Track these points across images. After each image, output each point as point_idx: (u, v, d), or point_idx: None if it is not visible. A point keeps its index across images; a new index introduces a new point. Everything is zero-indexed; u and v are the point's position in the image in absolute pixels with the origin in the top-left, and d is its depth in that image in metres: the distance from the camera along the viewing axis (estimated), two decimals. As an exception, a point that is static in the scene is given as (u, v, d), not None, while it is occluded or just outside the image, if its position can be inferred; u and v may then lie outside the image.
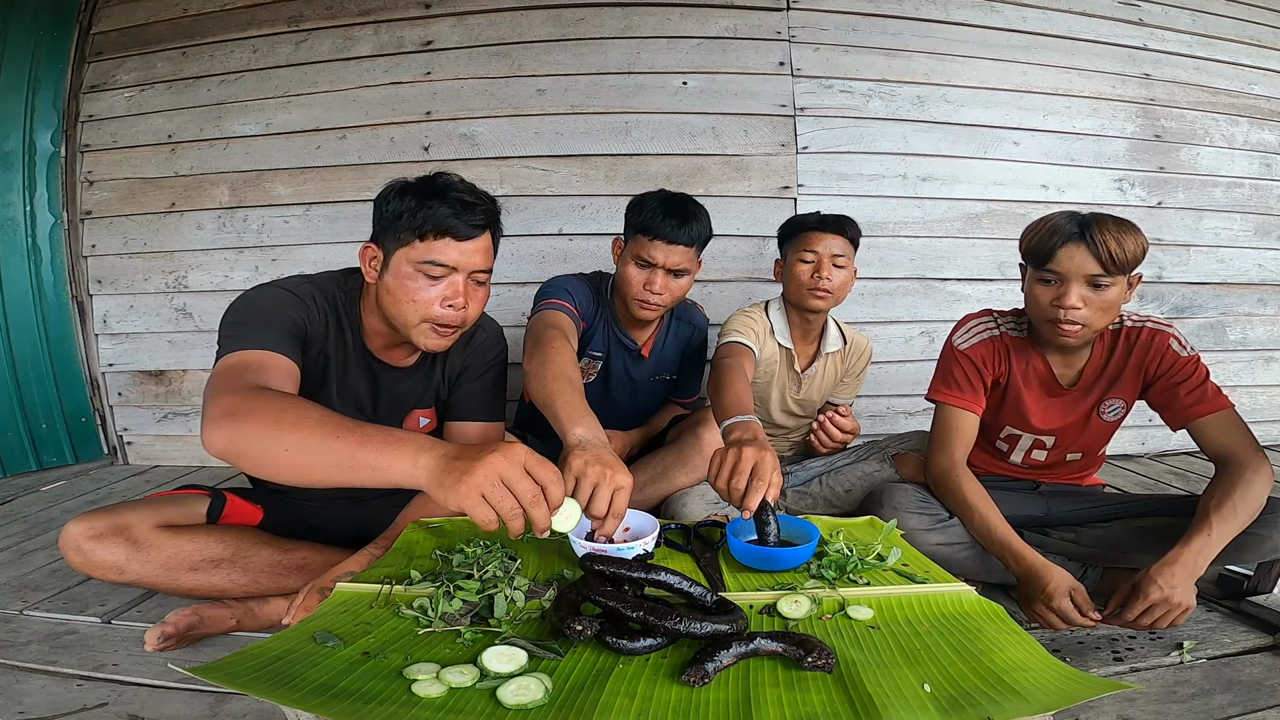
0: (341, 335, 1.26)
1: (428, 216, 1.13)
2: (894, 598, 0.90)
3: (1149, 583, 1.09)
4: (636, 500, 1.63)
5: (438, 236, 1.13)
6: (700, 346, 1.87)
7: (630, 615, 0.75)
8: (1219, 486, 1.19)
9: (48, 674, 1.13)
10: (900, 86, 2.48)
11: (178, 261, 2.52)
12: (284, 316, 1.14)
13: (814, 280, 1.66)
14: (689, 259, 1.60)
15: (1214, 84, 2.68)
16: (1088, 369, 1.40)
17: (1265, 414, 2.75)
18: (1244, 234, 2.69)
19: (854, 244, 1.72)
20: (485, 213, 1.17)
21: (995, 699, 0.65)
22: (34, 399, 2.48)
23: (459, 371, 1.38)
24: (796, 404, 1.88)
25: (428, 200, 1.13)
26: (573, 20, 2.42)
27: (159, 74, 2.52)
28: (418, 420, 1.38)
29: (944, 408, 1.43)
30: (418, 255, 1.14)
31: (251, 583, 1.27)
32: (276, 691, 0.63)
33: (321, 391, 1.26)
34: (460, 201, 1.14)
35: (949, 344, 1.48)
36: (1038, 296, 1.30)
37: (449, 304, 1.16)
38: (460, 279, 1.17)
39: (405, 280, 1.15)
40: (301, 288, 1.21)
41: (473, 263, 1.17)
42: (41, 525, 1.90)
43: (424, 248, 1.14)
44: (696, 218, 1.59)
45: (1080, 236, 1.23)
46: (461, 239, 1.15)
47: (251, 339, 1.07)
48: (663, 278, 1.58)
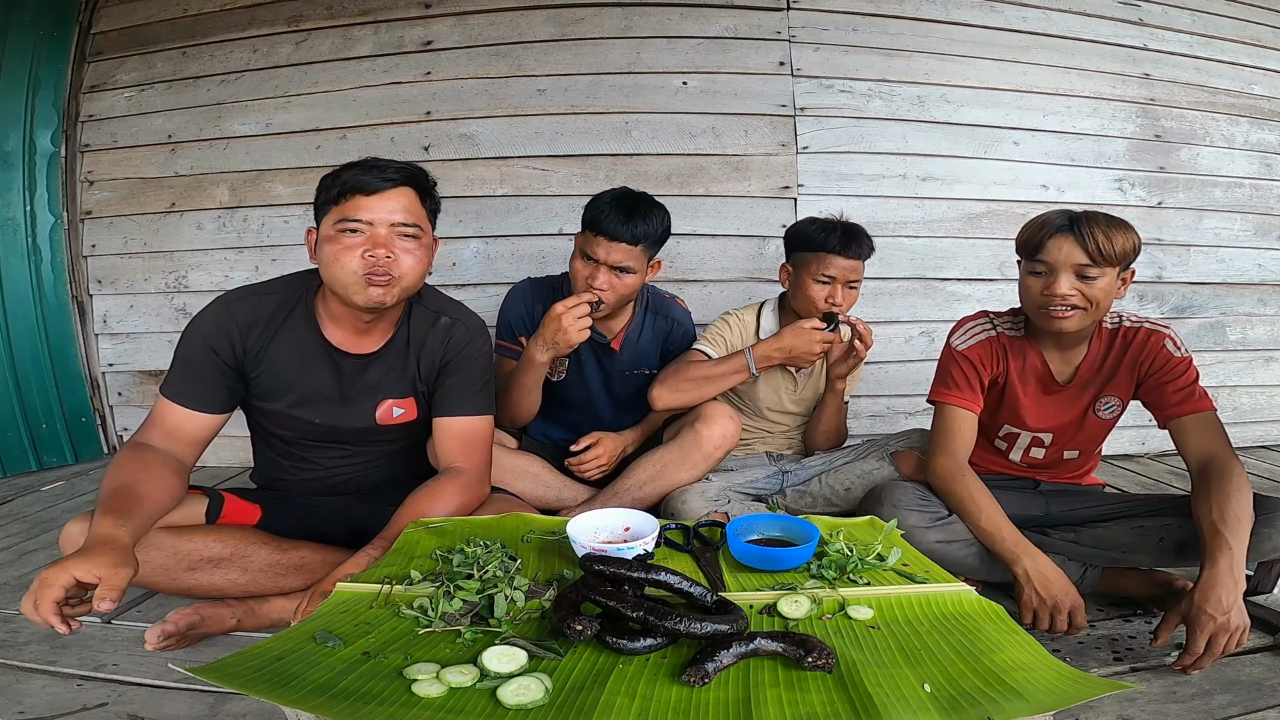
0: (294, 332, 1.30)
1: (339, 181, 1.21)
2: (894, 598, 0.90)
3: (1199, 614, 1.06)
4: (636, 498, 1.64)
5: (349, 197, 1.20)
6: (682, 339, 1.86)
7: (630, 615, 0.75)
8: (1215, 496, 1.17)
9: (48, 674, 1.13)
10: (900, 86, 2.48)
11: (178, 261, 2.52)
12: (202, 358, 1.25)
13: (828, 305, 1.68)
14: (632, 257, 1.59)
15: (1214, 84, 2.68)
16: (1084, 365, 1.41)
17: (1265, 414, 2.75)
18: (1244, 234, 2.69)
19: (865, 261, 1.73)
20: (397, 169, 1.24)
21: (995, 699, 0.65)
22: (34, 399, 2.48)
23: (440, 366, 1.38)
24: (793, 402, 1.89)
25: (343, 170, 1.23)
26: (573, 20, 2.42)
27: (159, 74, 2.52)
28: (391, 410, 1.37)
29: (944, 408, 1.44)
30: (335, 218, 1.22)
31: (250, 582, 1.27)
32: (276, 691, 0.63)
33: (283, 392, 1.31)
34: (368, 164, 1.23)
35: (947, 345, 1.49)
36: (1030, 287, 1.34)
37: (369, 254, 1.20)
38: (381, 232, 1.21)
39: (328, 245, 1.22)
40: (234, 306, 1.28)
41: (388, 215, 1.22)
42: (41, 525, 1.90)
43: (338, 210, 1.21)
44: (644, 217, 1.59)
45: (1069, 229, 1.28)
46: (371, 193, 1.20)
47: (172, 386, 1.25)
48: (605, 273, 1.59)
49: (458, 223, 2.41)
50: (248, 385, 1.31)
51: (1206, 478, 1.22)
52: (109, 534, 0.96)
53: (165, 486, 1.14)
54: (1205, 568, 1.10)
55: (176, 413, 1.24)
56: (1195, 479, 1.25)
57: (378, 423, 1.37)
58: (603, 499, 1.66)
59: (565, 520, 1.05)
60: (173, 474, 1.18)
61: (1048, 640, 1.25)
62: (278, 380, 1.30)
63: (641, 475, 1.65)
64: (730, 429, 1.67)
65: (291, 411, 1.33)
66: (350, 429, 1.37)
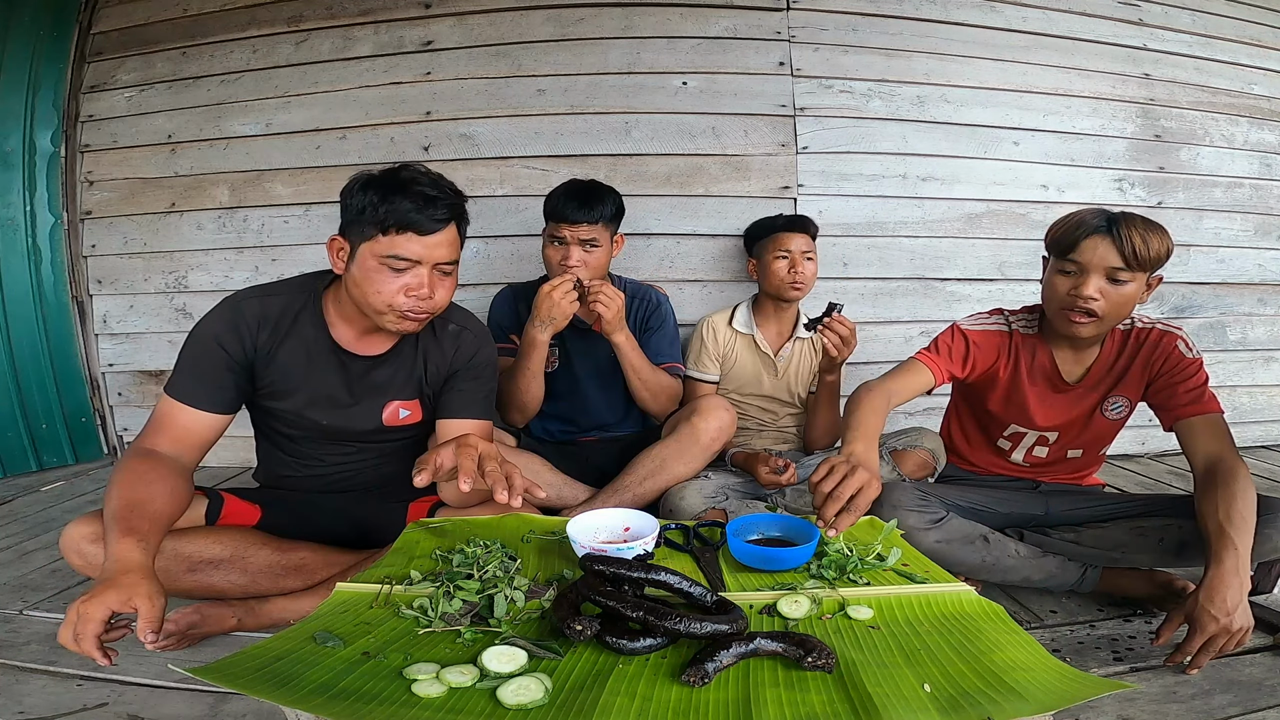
0: (302, 335, 1.29)
1: (390, 211, 1.15)
2: (894, 598, 0.90)
3: (1203, 614, 1.06)
4: (636, 495, 1.65)
5: (400, 231, 1.16)
6: (662, 321, 1.91)
7: (630, 615, 0.75)
8: (1222, 495, 1.16)
9: (48, 674, 1.13)
10: (900, 86, 2.48)
11: (178, 261, 2.52)
12: (212, 356, 1.23)
13: (791, 275, 1.87)
14: (596, 231, 1.73)
15: (1214, 84, 2.67)
16: (1095, 366, 1.41)
17: (1265, 414, 2.74)
18: (1244, 234, 2.69)
19: (814, 239, 1.95)
20: (449, 206, 1.20)
21: (995, 699, 0.65)
22: (34, 399, 2.48)
23: (447, 372, 1.39)
24: (774, 387, 1.96)
25: (390, 195, 1.15)
26: (573, 20, 2.42)
27: (159, 74, 2.51)
28: (397, 411, 1.38)
29: (912, 359, 1.44)
30: (381, 250, 1.17)
31: (250, 583, 1.27)
32: (276, 691, 0.63)
33: (291, 392, 1.31)
34: (423, 196, 1.16)
35: (953, 323, 1.48)
36: (1056, 285, 1.32)
37: (413, 294, 1.19)
38: (425, 271, 1.20)
39: (370, 273, 1.19)
40: (244, 305, 1.26)
41: (436, 255, 1.20)
42: (41, 525, 1.90)
43: (387, 242, 1.17)
44: (599, 197, 1.73)
45: (1107, 230, 1.24)
46: (424, 234, 1.17)
47: (178, 386, 1.22)
48: (576, 251, 1.72)
49: (458, 223, 2.41)
50: (255, 385, 1.31)
51: (1212, 478, 1.20)
52: (135, 560, 0.94)
53: (176, 497, 1.12)
54: (1210, 567, 1.09)
55: (184, 413, 1.21)
56: (1200, 479, 1.24)
57: (384, 424, 1.37)
58: (602, 497, 1.67)
59: (565, 520, 1.06)
60: (181, 480, 1.16)
61: (1048, 640, 1.25)
62: (287, 380, 1.30)
63: (641, 471, 1.67)
64: (726, 420, 1.71)
65: (300, 411, 1.33)
66: (357, 430, 1.37)
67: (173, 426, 1.20)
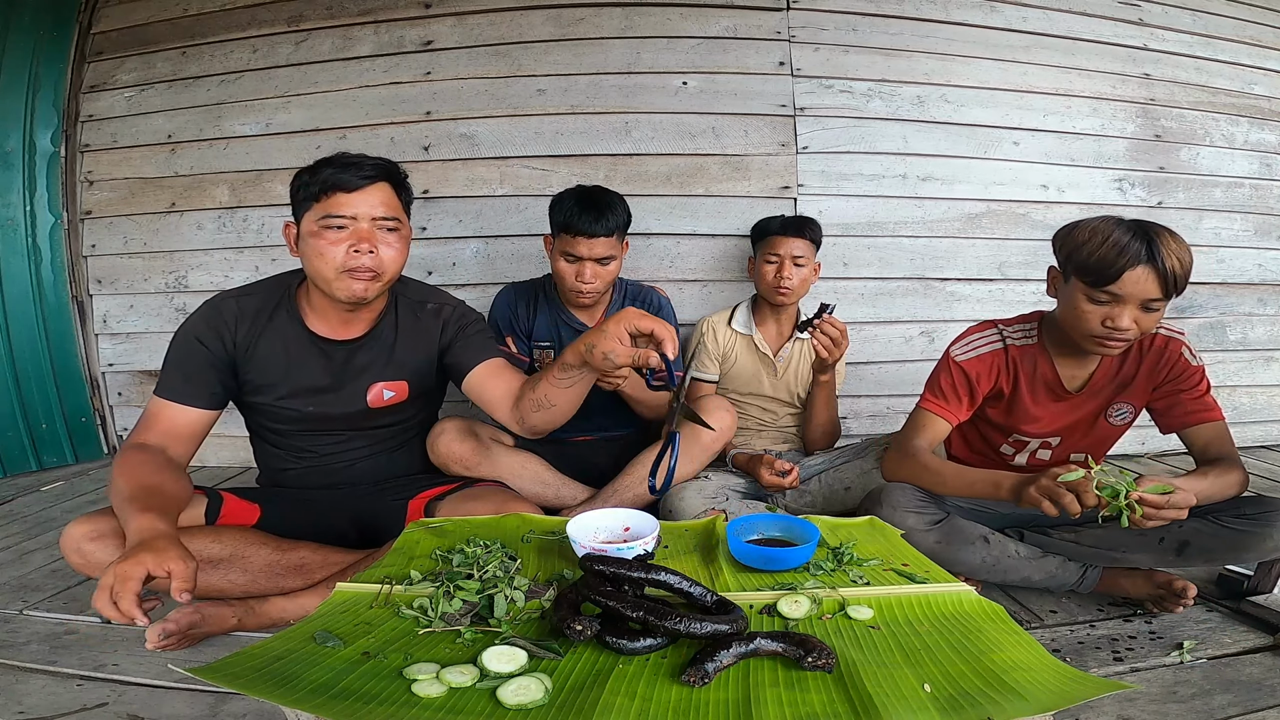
0: (279, 328, 1.36)
1: (317, 179, 1.26)
2: (894, 598, 0.90)
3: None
4: (636, 494, 1.65)
5: (329, 194, 1.25)
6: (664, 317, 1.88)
7: (630, 615, 0.75)
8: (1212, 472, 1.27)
9: (48, 674, 1.13)
10: (900, 86, 2.48)
11: (178, 261, 2.52)
12: (194, 355, 1.31)
13: (776, 280, 1.85)
14: (611, 247, 1.72)
15: (1214, 84, 2.67)
16: (1098, 374, 1.40)
17: (1265, 414, 2.74)
18: (1244, 234, 2.69)
19: (815, 244, 1.91)
20: (374, 165, 1.29)
21: (995, 699, 0.65)
22: (34, 399, 2.48)
23: (442, 345, 1.46)
24: (774, 388, 1.96)
25: (319, 168, 1.27)
26: (573, 20, 2.42)
27: (159, 74, 2.52)
28: (381, 393, 1.42)
29: (921, 410, 1.46)
30: (316, 215, 1.25)
31: (250, 583, 1.28)
32: (276, 691, 0.63)
33: (273, 385, 1.37)
34: (346, 160, 1.27)
35: (946, 353, 1.48)
36: (1086, 315, 1.24)
37: (354, 249, 1.25)
38: (363, 227, 1.26)
39: (312, 240, 1.26)
40: (221, 305, 1.35)
41: (369, 210, 1.26)
42: (41, 525, 1.90)
43: (320, 207, 1.25)
44: (612, 209, 1.71)
45: (1150, 260, 1.17)
46: (351, 189, 1.25)
47: (165, 385, 1.30)
48: (591, 267, 1.72)
49: (458, 223, 2.41)
50: (239, 380, 1.36)
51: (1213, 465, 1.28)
52: (161, 529, 1.00)
53: (179, 485, 1.19)
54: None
55: (172, 409, 1.28)
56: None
57: (369, 405, 1.42)
58: (602, 497, 1.67)
59: (565, 520, 1.06)
60: (179, 473, 1.22)
61: (1048, 640, 1.25)
62: (268, 373, 1.35)
63: (641, 471, 1.66)
64: (727, 420, 1.71)
65: (283, 402, 1.38)
66: (341, 414, 1.41)
67: (162, 423, 1.27)
